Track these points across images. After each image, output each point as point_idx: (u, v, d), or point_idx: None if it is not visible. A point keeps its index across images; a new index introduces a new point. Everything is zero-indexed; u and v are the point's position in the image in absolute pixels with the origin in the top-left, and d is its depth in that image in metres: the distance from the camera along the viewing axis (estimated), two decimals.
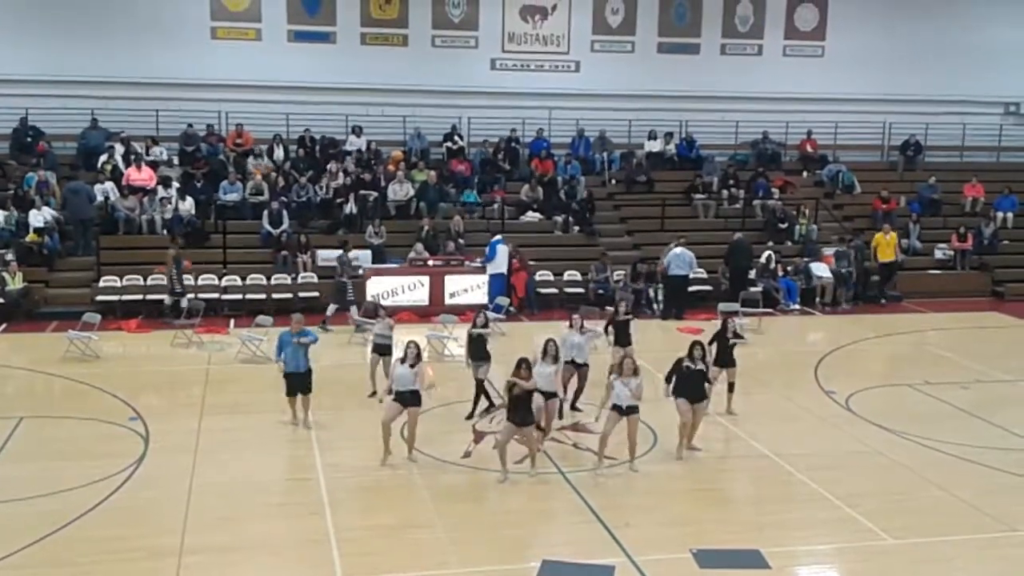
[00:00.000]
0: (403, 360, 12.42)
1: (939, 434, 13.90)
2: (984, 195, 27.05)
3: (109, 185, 22.70)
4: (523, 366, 12.04)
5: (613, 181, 26.51)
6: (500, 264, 21.61)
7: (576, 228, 24.39)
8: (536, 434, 12.38)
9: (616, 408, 12.17)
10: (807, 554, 10.42)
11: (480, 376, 14.34)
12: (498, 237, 22.04)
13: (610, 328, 15.56)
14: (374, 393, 14.90)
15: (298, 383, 13.83)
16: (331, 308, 20.09)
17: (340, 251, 20.81)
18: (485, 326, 14.50)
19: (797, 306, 22.80)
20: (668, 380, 12.87)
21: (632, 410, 12.13)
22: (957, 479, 12.33)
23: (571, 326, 14.62)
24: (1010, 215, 26.51)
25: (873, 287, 23.64)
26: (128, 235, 22.31)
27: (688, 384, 12.74)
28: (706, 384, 12.91)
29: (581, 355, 14.41)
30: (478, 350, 14.38)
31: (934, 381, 16.66)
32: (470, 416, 14.25)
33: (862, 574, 10.00)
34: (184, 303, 19.96)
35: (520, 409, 11.95)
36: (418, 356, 12.41)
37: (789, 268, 23.30)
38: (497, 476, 11.99)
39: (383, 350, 15.05)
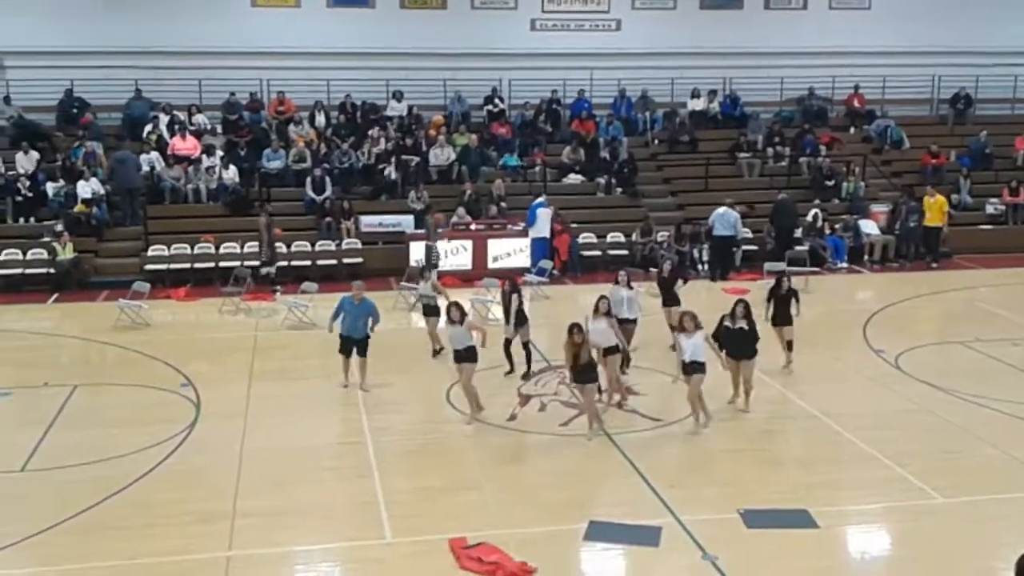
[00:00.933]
0: (450, 321, 12.59)
1: (991, 392, 13.69)
2: None
3: (154, 155, 22.89)
4: (575, 331, 12.02)
5: (656, 141, 26.24)
6: (542, 228, 21.54)
7: (619, 190, 24.21)
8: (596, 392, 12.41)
9: (686, 367, 12.21)
10: (856, 514, 10.35)
11: (525, 338, 14.41)
12: (539, 200, 21.95)
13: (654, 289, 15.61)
14: (439, 350, 15.26)
15: (353, 344, 14.00)
16: (432, 273, 20.32)
17: (424, 214, 21.30)
18: (515, 291, 14.51)
19: (845, 264, 22.51)
20: (715, 339, 12.81)
21: (696, 368, 12.13)
22: (1009, 437, 12.17)
23: (617, 282, 14.61)
24: None
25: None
26: (174, 204, 22.53)
27: (732, 342, 12.69)
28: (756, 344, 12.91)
29: (630, 310, 14.42)
30: (517, 317, 14.45)
31: (985, 338, 16.39)
32: (526, 375, 14.38)
33: (912, 533, 9.92)
34: (273, 271, 20.29)
35: (580, 369, 12.01)
36: (463, 313, 12.54)
37: (837, 226, 22.97)
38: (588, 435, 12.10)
39: (429, 311, 15.23)
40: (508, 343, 14.49)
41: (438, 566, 9.15)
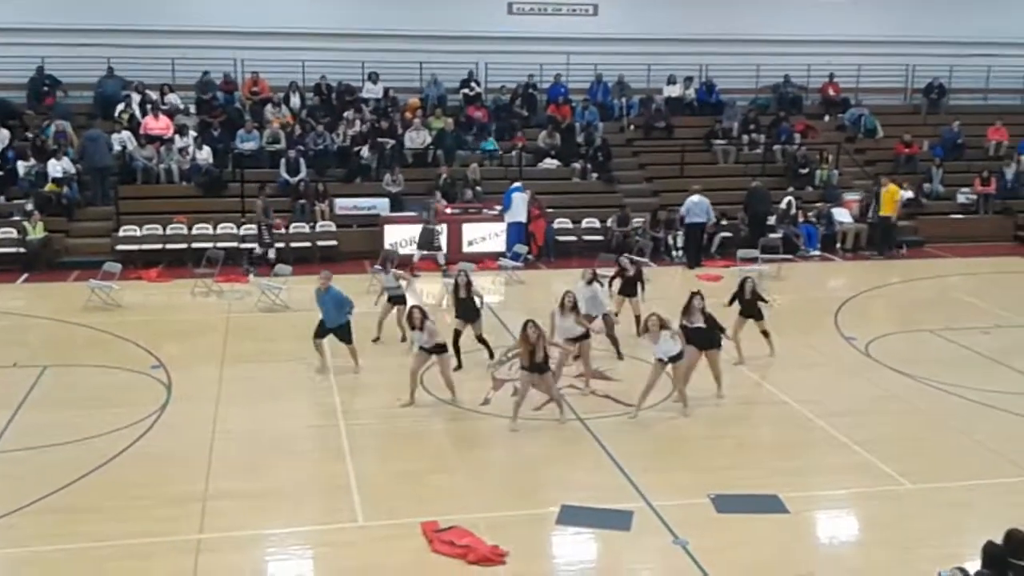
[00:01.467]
0: (412, 327, 12.57)
1: (960, 379, 13.85)
2: (1008, 138, 26.65)
3: (126, 134, 22.68)
4: (529, 327, 11.95)
5: (632, 127, 26.27)
6: (517, 213, 21.53)
7: (594, 175, 24.23)
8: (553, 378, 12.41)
9: (660, 360, 12.22)
10: (825, 499, 10.45)
11: (478, 332, 14.33)
12: (515, 185, 21.93)
13: (615, 281, 15.56)
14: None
15: (329, 332, 13.97)
16: (417, 253, 20.40)
17: (425, 196, 21.49)
18: (469, 286, 14.30)
19: (817, 252, 22.66)
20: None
21: (674, 358, 12.19)
22: (977, 424, 12.32)
23: (582, 277, 14.59)
24: None
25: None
26: (146, 184, 22.35)
27: (693, 340, 12.72)
28: (719, 333, 12.98)
29: (593, 307, 14.40)
30: (467, 311, 14.26)
31: (955, 326, 16.57)
32: (497, 360, 14.33)
33: (880, 518, 10.02)
34: (271, 254, 20.22)
35: (535, 356, 11.95)
36: (423, 317, 12.48)
37: (810, 214, 23.11)
38: (510, 424, 12.04)
39: (396, 300, 15.20)
40: (458, 335, 14.26)
41: (410, 549, 9.15)
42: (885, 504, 10.28)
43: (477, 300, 14.41)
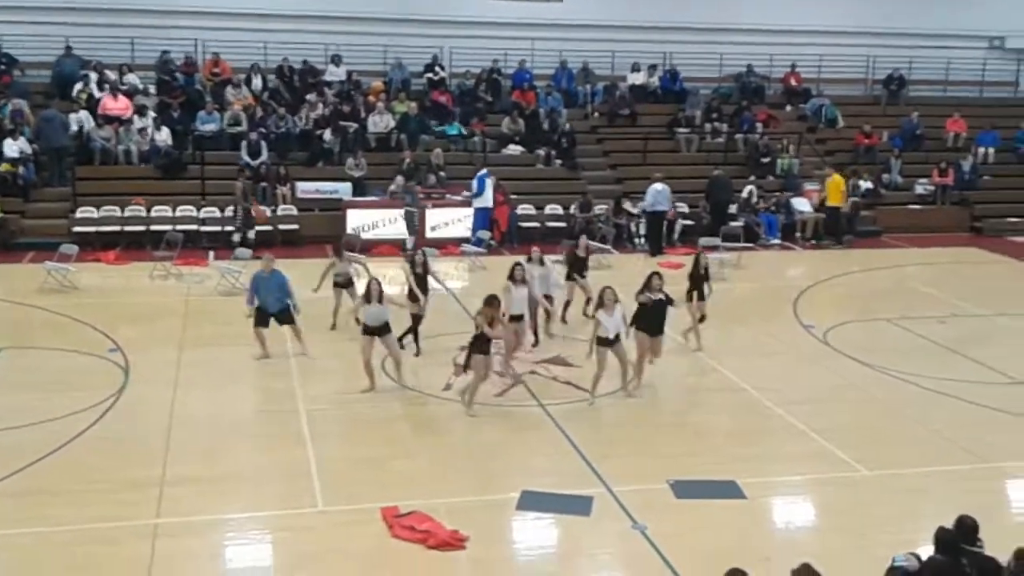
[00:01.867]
0: (368, 300, 12.45)
1: (916, 368, 14.04)
2: (966, 130, 27.00)
3: (84, 114, 22.33)
4: (493, 303, 12.03)
5: (596, 114, 26.28)
6: (487, 198, 21.47)
7: (558, 162, 24.24)
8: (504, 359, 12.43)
9: (604, 341, 12.22)
10: (783, 485, 10.57)
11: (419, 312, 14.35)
12: (484, 171, 21.83)
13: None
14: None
15: (270, 317, 13.86)
16: (409, 240, 20.43)
17: (403, 179, 21.41)
18: (426, 264, 14.45)
19: (777, 241, 22.84)
20: (633, 321, 12.89)
21: (617, 339, 12.21)
22: (932, 412, 12.51)
23: (530, 259, 14.58)
24: (991, 150, 26.52)
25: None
26: (104, 165, 22.03)
27: (647, 317, 12.76)
28: (671, 307, 13.09)
29: (543, 287, 14.48)
30: (424, 288, 14.35)
31: (912, 315, 16.79)
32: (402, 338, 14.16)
33: (836, 505, 10.15)
34: (251, 235, 20.08)
35: (484, 341, 12.00)
36: (381, 293, 12.43)
37: (771, 203, 23.28)
38: (467, 411, 12.03)
39: (344, 284, 15.15)
40: (417, 321, 14.22)
41: (370, 534, 9.14)
42: (841, 491, 10.42)
43: (431, 279, 14.52)
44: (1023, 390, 13.45)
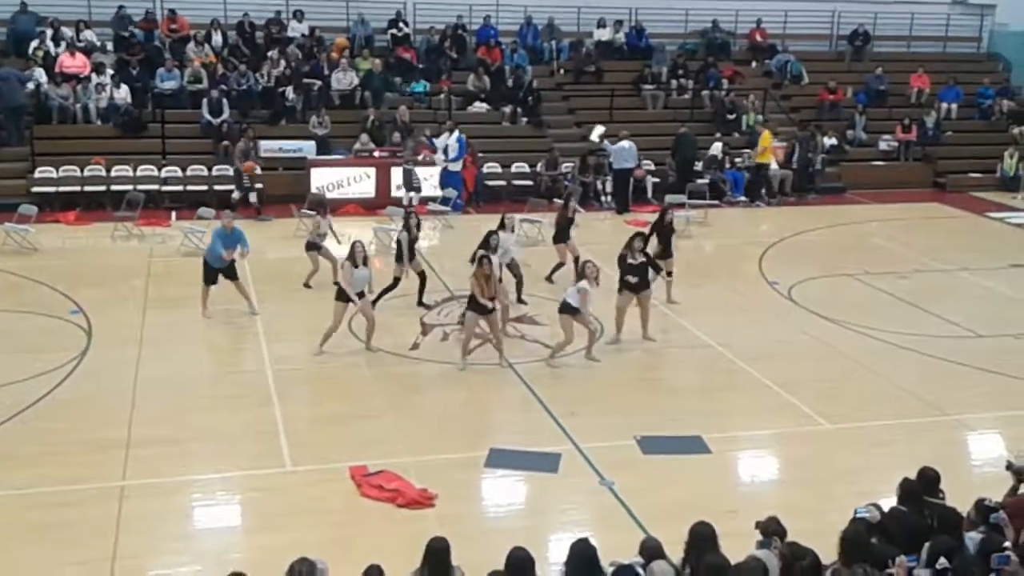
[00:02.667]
0: (355, 264, 12.33)
1: (878, 323, 14.21)
2: (930, 86, 27.12)
3: (40, 72, 21.85)
4: (485, 262, 12.01)
5: (561, 71, 26.10)
6: (459, 160, 21.18)
7: (524, 119, 24.09)
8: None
9: (569, 308, 12.24)
10: (747, 439, 10.69)
11: (417, 269, 14.36)
12: (458, 132, 21.35)
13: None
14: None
15: (218, 273, 13.81)
16: (406, 196, 20.19)
17: (401, 136, 21.25)
18: (418, 228, 14.39)
19: (743, 198, 22.91)
20: (621, 282, 12.95)
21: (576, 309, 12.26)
22: (894, 366, 12.67)
23: (503, 226, 14.37)
24: (954, 106, 26.67)
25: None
26: (63, 124, 21.61)
27: (632, 275, 12.83)
28: (651, 272, 13.10)
29: (514, 251, 14.46)
30: (412, 251, 14.34)
31: (874, 271, 16.95)
32: (419, 303, 14.29)
33: (799, 458, 10.30)
34: (252, 198, 19.84)
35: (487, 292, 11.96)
36: (367, 256, 12.39)
37: (737, 160, 23.31)
38: (457, 365, 12.05)
39: (311, 247, 15.06)
40: (397, 283, 14.25)
41: (339, 493, 9.17)
42: (805, 444, 10.56)
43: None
44: (984, 344, 13.66)
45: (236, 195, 20.00)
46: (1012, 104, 26.94)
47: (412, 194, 20.28)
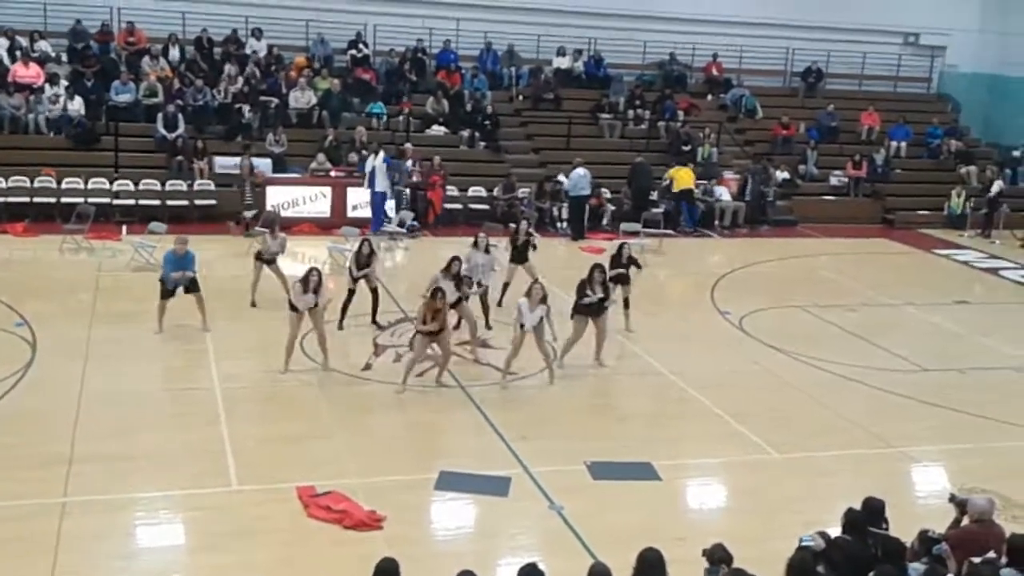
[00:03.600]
0: (306, 290, 12.27)
1: (826, 354, 14.38)
2: (880, 124, 27.66)
3: None
4: (438, 295, 11.97)
5: (520, 97, 26.26)
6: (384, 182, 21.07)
7: (482, 143, 24.17)
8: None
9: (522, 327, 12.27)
10: (696, 467, 10.75)
11: (374, 284, 14.33)
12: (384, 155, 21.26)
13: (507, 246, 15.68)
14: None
15: (181, 285, 13.67)
16: (397, 218, 20.49)
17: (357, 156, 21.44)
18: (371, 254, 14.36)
19: (696, 228, 23.12)
20: (575, 308, 13.02)
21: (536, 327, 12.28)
22: (841, 397, 12.82)
23: (476, 245, 14.52)
24: (903, 144, 27.22)
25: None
26: (13, 134, 21.29)
27: (589, 307, 12.94)
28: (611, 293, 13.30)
29: (486, 276, 14.42)
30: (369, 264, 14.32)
31: (823, 304, 17.18)
32: (373, 321, 14.30)
33: (747, 486, 10.36)
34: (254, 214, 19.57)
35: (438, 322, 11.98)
36: (320, 283, 12.30)
37: (695, 191, 23.52)
38: (396, 388, 12.01)
39: (269, 261, 14.98)
40: (352, 295, 14.27)
41: (285, 513, 9.05)
42: (753, 472, 10.64)
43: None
44: (929, 377, 13.88)
45: (249, 214, 19.77)
46: (960, 144, 27.60)
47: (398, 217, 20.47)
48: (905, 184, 26.55)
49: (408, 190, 21.18)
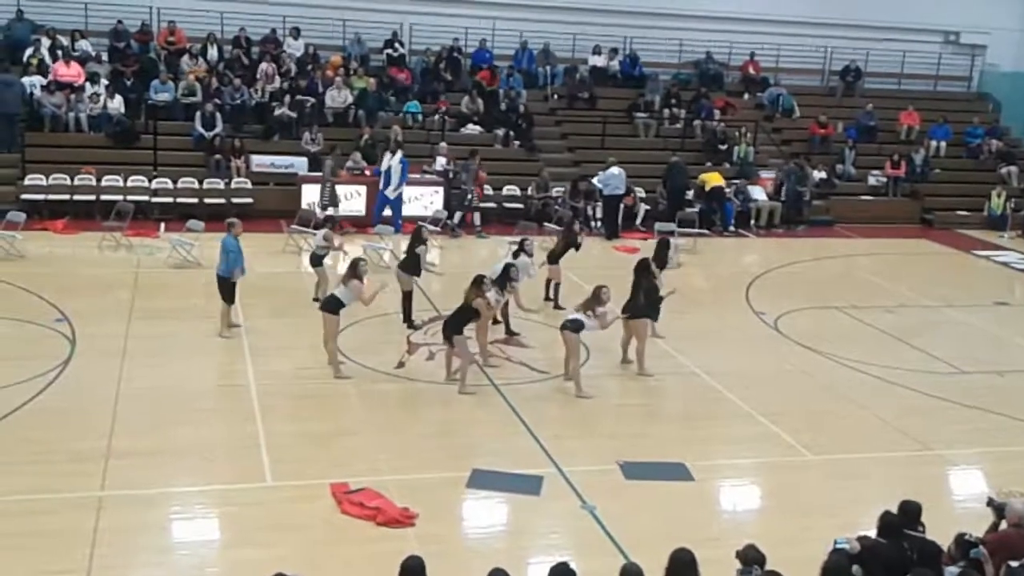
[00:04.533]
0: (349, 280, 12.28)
1: (863, 356, 14.24)
2: (920, 123, 27.34)
3: (36, 79, 21.84)
4: (481, 283, 12.05)
5: (555, 96, 26.24)
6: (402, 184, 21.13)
7: (516, 142, 24.18)
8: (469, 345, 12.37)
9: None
10: (730, 467, 10.69)
11: (409, 288, 14.37)
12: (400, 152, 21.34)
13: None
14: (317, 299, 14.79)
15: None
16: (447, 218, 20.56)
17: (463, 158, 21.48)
18: (424, 241, 14.40)
19: (732, 228, 22.99)
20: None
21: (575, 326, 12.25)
22: (877, 399, 12.70)
23: (523, 249, 14.36)
24: (943, 144, 26.89)
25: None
26: (55, 132, 21.59)
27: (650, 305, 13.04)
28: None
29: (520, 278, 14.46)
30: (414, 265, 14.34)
31: (861, 305, 17.01)
32: (408, 323, 14.32)
33: (781, 487, 10.29)
34: (337, 212, 19.64)
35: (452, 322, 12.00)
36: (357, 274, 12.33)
37: (727, 190, 23.41)
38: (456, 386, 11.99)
39: (315, 261, 14.99)
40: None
41: (319, 510, 9.11)
42: (787, 474, 10.56)
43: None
44: (967, 380, 13.71)
45: (329, 211, 19.78)
46: (1000, 144, 27.21)
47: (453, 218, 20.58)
48: (944, 184, 26.22)
49: (450, 189, 21.18)
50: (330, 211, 19.76)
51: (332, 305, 12.18)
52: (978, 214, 25.19)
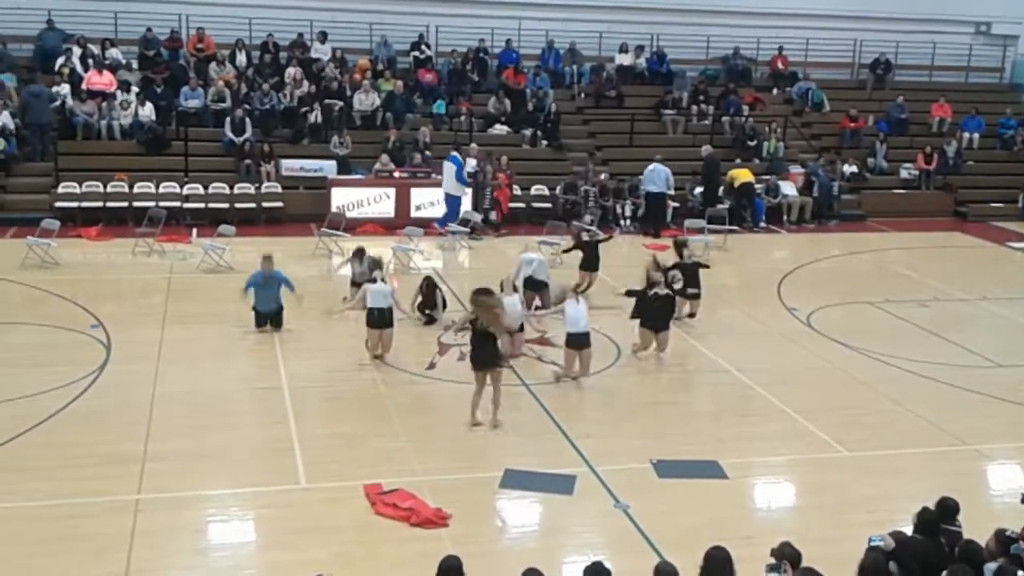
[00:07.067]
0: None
1: (897, 351, 14.10)
2: (951, 115, 27.05)
3: (66, 88, 22.10)
4: (485, 293, 11.79)
5: (582, 95, 26.20)
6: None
7: (544, 142, 24.16)
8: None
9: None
10: (764, 465, 10.61)
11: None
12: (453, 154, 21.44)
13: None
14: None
15: (267, 319, 13.91)
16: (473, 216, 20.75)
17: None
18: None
19: (763, 224, 22.85)
20: (636, 309, 13.08)
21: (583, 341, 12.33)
22: (912, 394, 12.56)
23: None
24: (975, 136, 26.59)
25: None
26: (87, 140, 21.84)
27: (653, 311, 12.90)
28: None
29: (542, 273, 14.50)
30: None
31: (894, 299, 16.86)
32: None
33: (816, 485, 10.21)
34: (493, 216, 20.42)
35: (481, 349, 11.15)
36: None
37: (757, 186, 23.26)
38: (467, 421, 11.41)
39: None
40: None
41: (353, 511, 9.15)
42: (822, 471, 10.47)
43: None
44: (1003, 374, 13.55)
45: (479, 218, 20.28)
46: None
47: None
48: (977, 176, 25.94)
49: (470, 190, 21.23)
50: (491, 216, 20.58)
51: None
52: (1012, 206, 24.90)
